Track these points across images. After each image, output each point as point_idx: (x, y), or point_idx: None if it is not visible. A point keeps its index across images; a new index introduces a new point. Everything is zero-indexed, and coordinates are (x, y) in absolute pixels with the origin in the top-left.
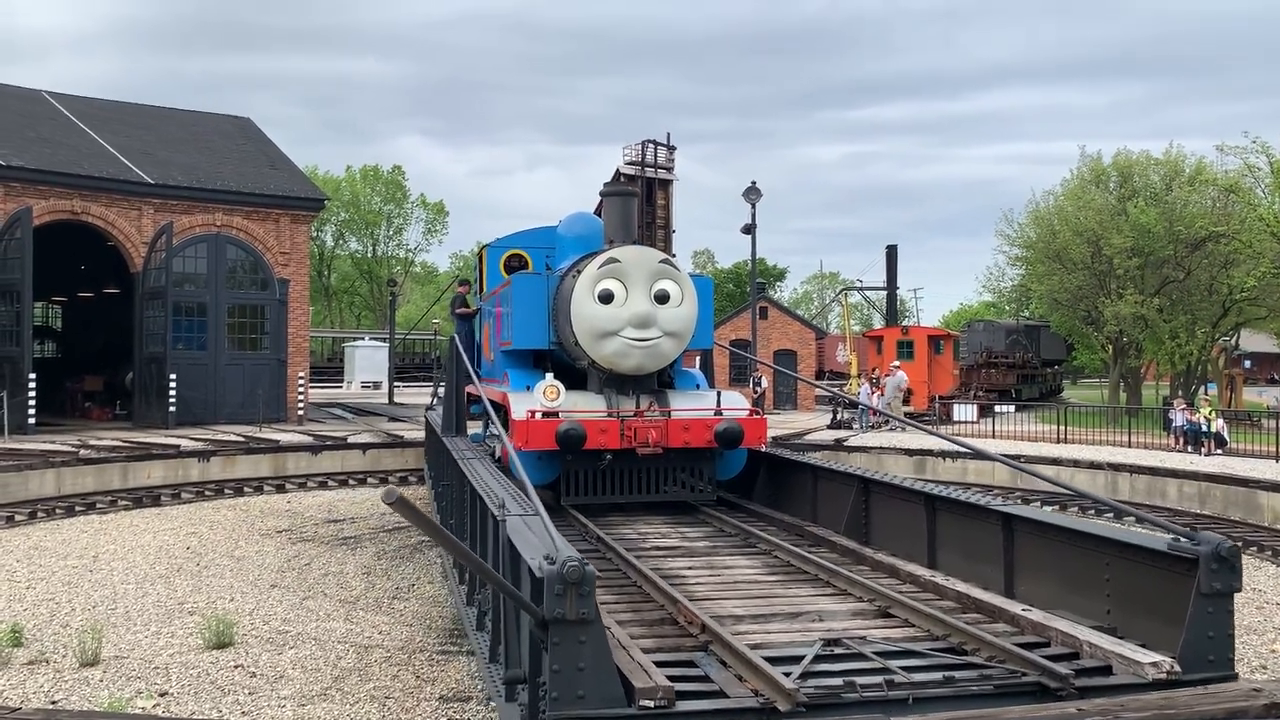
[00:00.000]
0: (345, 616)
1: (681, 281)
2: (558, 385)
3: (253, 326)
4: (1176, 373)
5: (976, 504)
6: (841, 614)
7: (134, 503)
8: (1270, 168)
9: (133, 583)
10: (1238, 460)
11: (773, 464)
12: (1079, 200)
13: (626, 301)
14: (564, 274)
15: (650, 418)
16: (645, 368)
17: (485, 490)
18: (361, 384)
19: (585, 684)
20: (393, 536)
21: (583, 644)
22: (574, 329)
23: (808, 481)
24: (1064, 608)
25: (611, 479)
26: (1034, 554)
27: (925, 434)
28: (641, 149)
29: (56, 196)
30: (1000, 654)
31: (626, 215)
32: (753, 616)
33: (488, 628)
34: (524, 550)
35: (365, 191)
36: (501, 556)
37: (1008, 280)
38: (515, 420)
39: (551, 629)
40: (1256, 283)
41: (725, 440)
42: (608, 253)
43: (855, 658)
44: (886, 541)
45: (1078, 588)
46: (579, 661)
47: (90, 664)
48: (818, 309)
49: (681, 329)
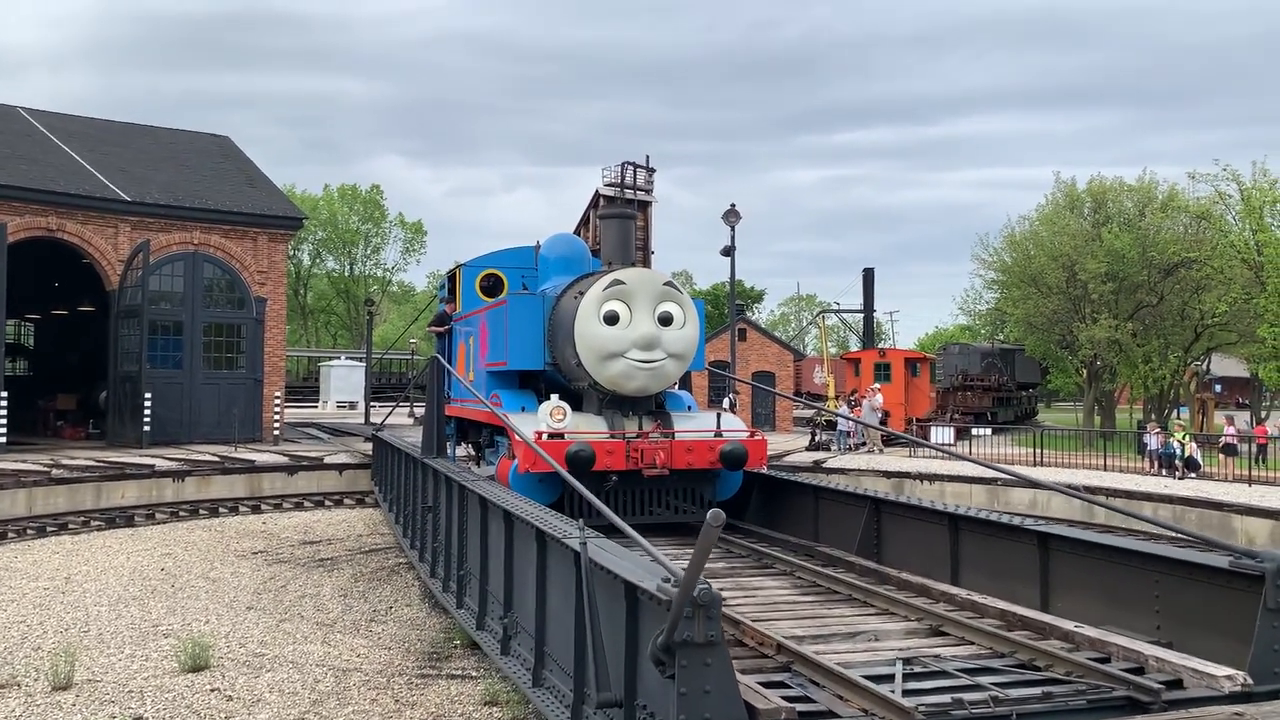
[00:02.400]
0: (323, 639)
1: (684, 304)
2: (564, 406)
3: (229, 345)
4: (1149, 396)
5: (1009, 524)
6: (895, 633)
7: (107, 523)
8: (1241, 195)
9: (106, 604)
10: (1211, 484)
11: (767, 484)
12: (1054, 225)
13: (631, 323)
14: (560, 295)
15: (655, 439)
16: (649, 389)
17: (536, 519)
18: (337, 404)
19: (711, 707)
20: (370, 558)
21: (709, 667)
22: (577, 350)
23: (809, 502)
24: (1109, 624)
25: (616, 501)
26: (1072, 572)
27: (911, 456)
28: (620, 171)
29: (31, 213)
30: (1078, 670)
31: (625, 237)
32: (811, 637)
33: (518, 652)
34: (626, 574)
35: (343, 210)
36: (585, 581)
37: (983, 304)
38: (519, 442)
39: (679, 652)
40: (1228, 308)
41: (730, 461)
42: (612, 274)
43: (939, 675)
44: (902, 561)
45: (1123, 605)
46: (705, 685)
47: (63, 688)
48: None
49: (684, 350)
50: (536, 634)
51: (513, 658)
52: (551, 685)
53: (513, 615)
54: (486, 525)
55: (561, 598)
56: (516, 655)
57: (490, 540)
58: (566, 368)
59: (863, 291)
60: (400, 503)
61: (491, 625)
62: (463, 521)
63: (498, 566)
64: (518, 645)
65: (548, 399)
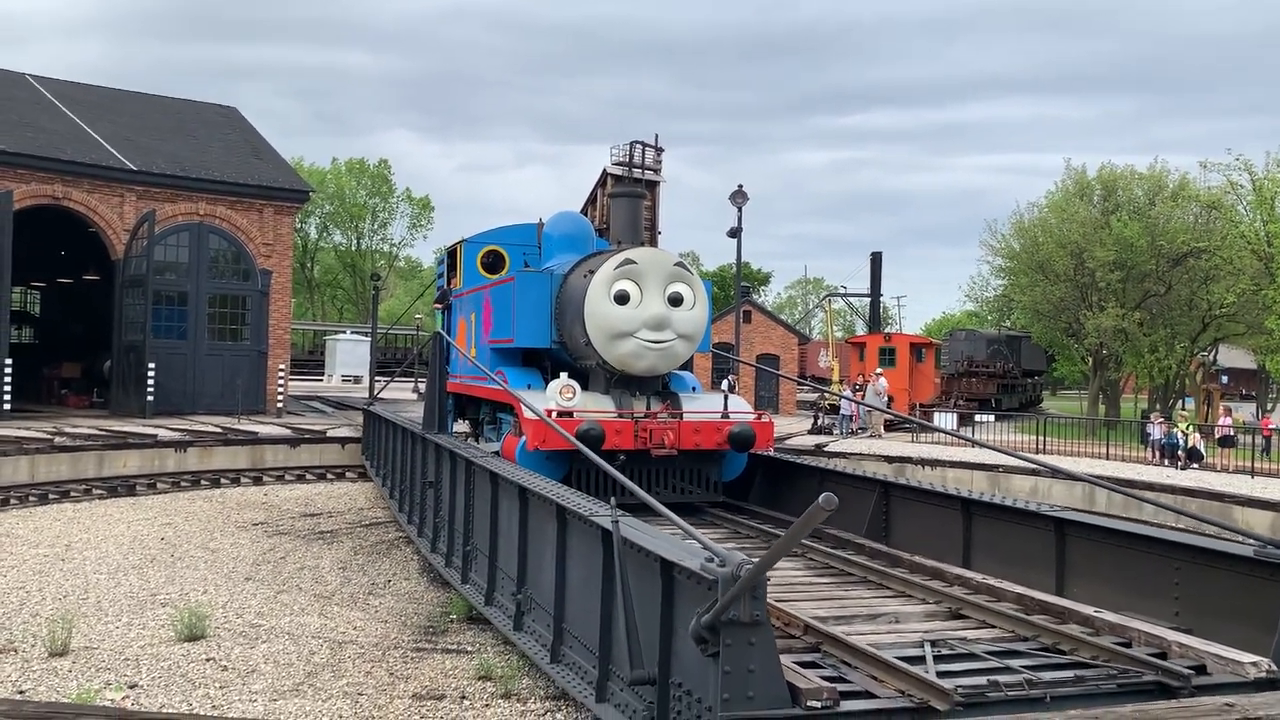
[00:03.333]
0: (320, 611)
1: (694, 284)
2: (573, 385)
3: (234, 317)
4: (1155, 386)
5: (1024, 509)
6: (915, 615)
7: (109, 492)
8: (1252, 185)
9: (105, 573)
10: (1213, 475)
11: (771, 466)
12: (1063, 212)
13: (642, 303)
14: (568, 273)
15: (664, 419)
16: (658, 369)
17: (557, 496)
18: (342, 377)
19: (755, 686)
20: (370, 531)
21: (752, 646)
22: (586, 329)
23: (814, 485)
24: (1126, 610)
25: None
26: (1089, 558)
27: (913, 441)
28: (629, 150)
29: (38, 181)
30: (1103, 654)
31: (635, 216)
32: (835, 618)
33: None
34: (664, 552)
35: (351, 184)
36: (618, 559)
37: (990, 290)
38: (528, 419)
39: (723, 631)
40: (1236, 299)
41: (738, 443)
42: (623, 253)
43: (968, 657)
44: (912, 545)
45: (1141, 591)
46: (749, 663)
47: (59, 654)
48: (801, 314)
49: (694, 331)
50: (555, 611)
51: (526, 634)
52: (571, 661)
53: (526, 591)
54: (497, 501)
55: (583, 575)
56: (531, 631)
57: (501, 516)
58: (574, 346)
59: (870, 275)
60: (396, 477)
61: (501, 601)
62: (469, 498)
63: (509, 543)
64: (532, 621)
65: (554, 377)
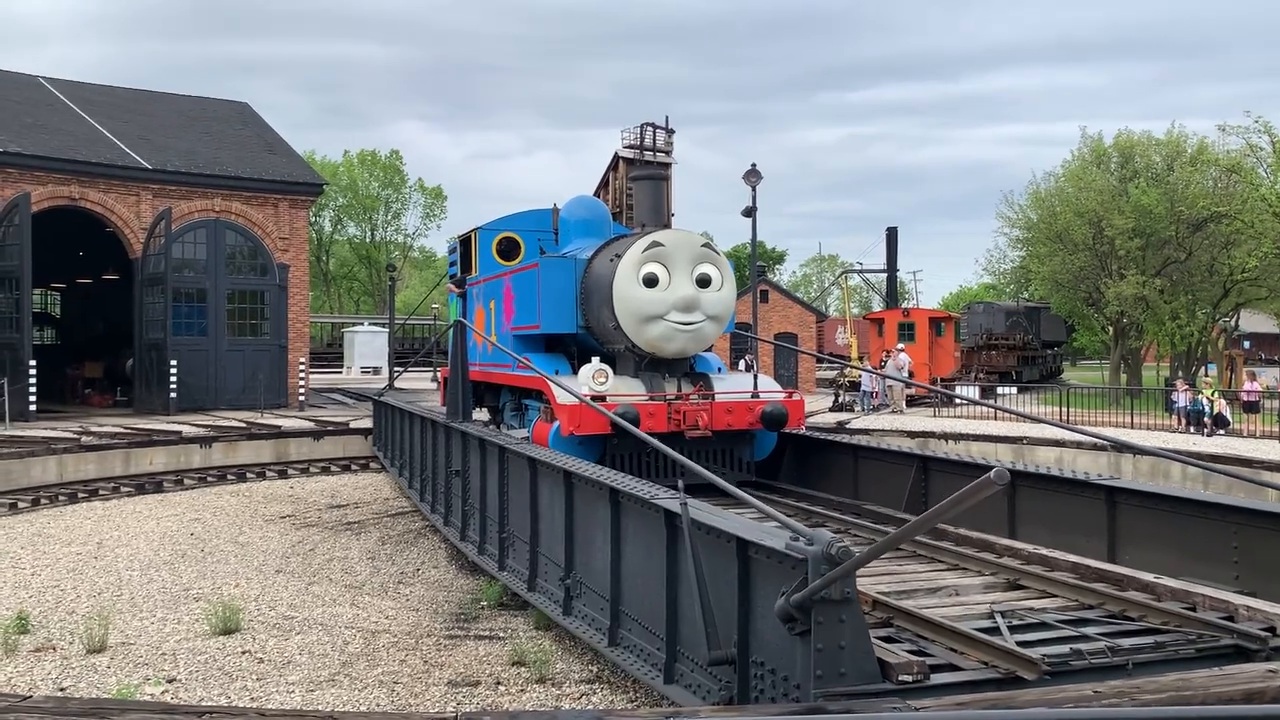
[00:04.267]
0: (351, 602)
1: (720, 265)
2: (606, 369)
3: (253, 312)
4: (1177, 354)
5: (1073, 479)
6: (975, 588)
7: (136, 489)
8: (1272, 147)
9: (137, 569)
10: (1240, 441)
11: (800, 444)
12: (1080, 181)
13: (670, 285)
14: (592, 257)
15: (696, 401)
16: (688, 351)
17: (609, 479)
18: (361, 369)
19: (846, 662)
20: (396, 521)
21: (843, 623)
22: (615, 313)
23: (848, 461)
24: (1185, 575)
25: (658, 462)
26: (1142, 525)
27: (935, 416)
28: (640, 132)
29: (54, 183)
30: (1173, 619)
31: (657, 199)
32: (896, 593)
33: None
34: (742, 532)
35: (363, 176)
36: (689, 542)
37: (1008, 262)
38: (562, 405)
39: (815, 609)
40: (1258, 263)
41: (771, 422)
42: (650, 236)
43: (1041, 627)
44: (953, 519)
45: (1198, 556)
46: (840, 640)
47: (97, 651)
48: (817, 292)
49: (722, 312)
50: (611, 594)
51: (577, 617)
52: (630, 644)
53: (575, 576)
54: (537, 487)
55: (642, 557)
56: (582, 615)
57: (542, 502)
58: (601, 330)
59: (885, 251)
60: (416, 467)
61: (546, 586)
62: (504, 484)
63: (552, 528)
64: (583, 605)
65: (588, 362)
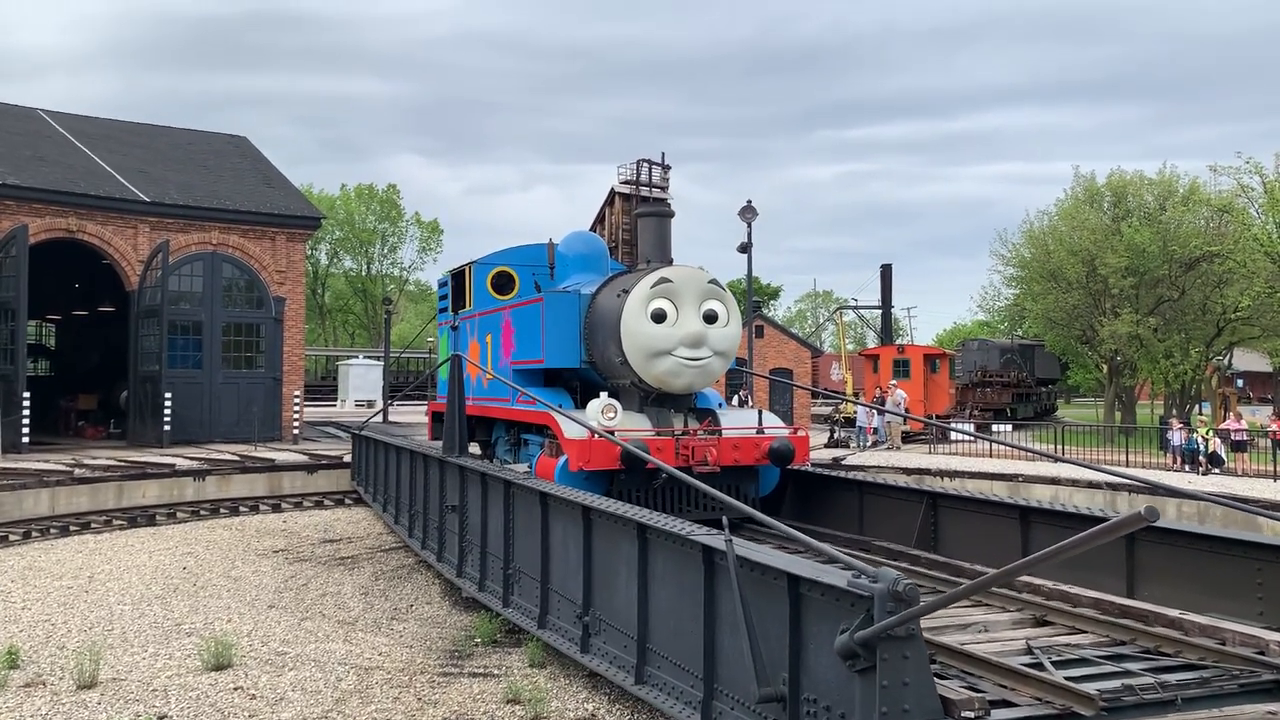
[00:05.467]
0: (344, 637)
1: (727, 302)
2: (615, 404)
3: (248, 345)
4: (1171, 392)
5: (1089, 515)
6: (1003, 624)
7: (129, 522)
8: (1264, 187)
9: (129, 603)
10: (1235, 480)
11: (802, 480)
12: (1074, 220)
13: (679, 321)
14: (595, 292)
15: (704, 436)
16: (695, 386)
17: (639, 516)
18: (355, 402)
19: (910, 699)
20: (390, 556)
21: (907, 660)
22: (623, 348)
23: (853, 498)
24: (1207, 611)
25: (666, 498)
26: (1161, 561)
27: (930, 453)
28: (636, 168)
29: (52, 215)
30: (1210, 655)
31: (662, 235)
32: (929, 629)
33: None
34: (796, 569)
35: (360, 210)
36: (735, 579)
37: (1002, 299)
38: (571, 440)
39: (880, 646)
40: (1250, 302)
41: (779, 457)
42: (659, 271)
43: (1081, 663)
44: (965, 554)
45: (1220, 591)
46: (905, 677)
47: (88, 686)
48: (812, 328)
49: (729, 348)
50: (639, 631)
51: (596, 655)
52: (660, 682)
53: (594, 613)
54: (548, 523)
55: (673, 594)
56: (602, 653)
57: (554, 538)
58: (606, 365)
59: (880, 287)
60: (403, 502)
61: (558, 623)
62: (509, 520)
63: (565, 564)
64: (602, 643)
65: (594, 397)
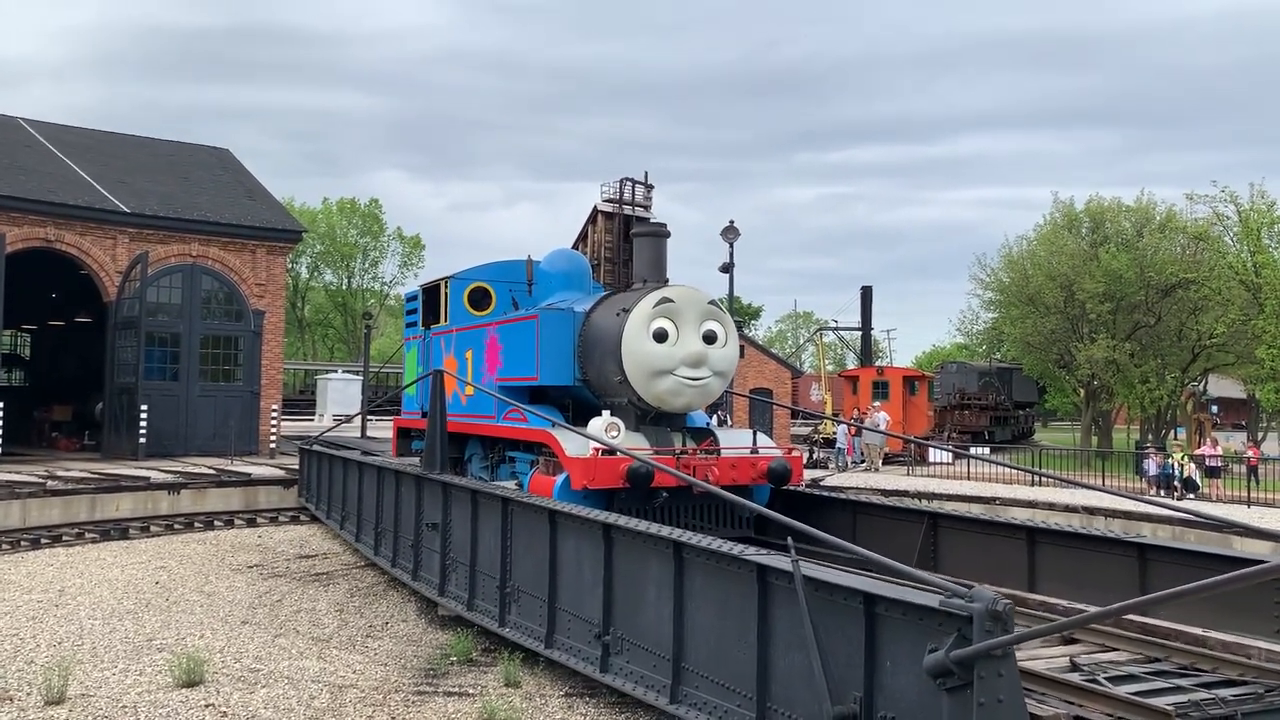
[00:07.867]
0: (318, 655)
1: (725, 322)
2: (618, 423)
3: (226, 358)
4: (1147, 417)
5: (1102, 536)
6: (1034, 642)
7: (101, 535)
8: (1238, 216)
9: (100, 618)
10: (1209, 505)
11: (792, 500)
12: (1052, 245)
13: (679, 341)
14: (590, 311)
15: (704, 456)
16: (694, 406)
17: (682, 536)
18: (334, 417)
19: (1004, 716)
20: (365, 573)
21: (1002, 678)
22: (623, 367)
23: (846, 519)
24: (1221, 629)
25: (666, 517)
26: (1173, 580)
27: (909, 474)
28: (619, 187)
29: (30, 224)
30: (1249, 671)
31: (659, 255)
32: None
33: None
34: (873, 589)
35: (342, 224)
36: (801, 598)
37: (981, 323)
38: (573, 458)
39: (978, 664)
40: (1226, 329)
41: (777, 477)
42: (660, 291)
43: (1130, 679)
44: (967, 574)
45: (1236, 610)
46: (999, 694)
47: (56, 702)
48: (792, 348)
49: (727, 369)
50: (674, 651)
51: (619, 674)
52: (698, 701)
53: (616, 633)
54: (557, 541)
55: (716, 613)
56: (625, 672)
57: (564, 557)
58: (602, 384)
59: (860, 309)
60: (367, 519)
61: (568, 643)
62: (506, 538)
63: (580, 583)
64: (625, 662)
65: (588, 415)
